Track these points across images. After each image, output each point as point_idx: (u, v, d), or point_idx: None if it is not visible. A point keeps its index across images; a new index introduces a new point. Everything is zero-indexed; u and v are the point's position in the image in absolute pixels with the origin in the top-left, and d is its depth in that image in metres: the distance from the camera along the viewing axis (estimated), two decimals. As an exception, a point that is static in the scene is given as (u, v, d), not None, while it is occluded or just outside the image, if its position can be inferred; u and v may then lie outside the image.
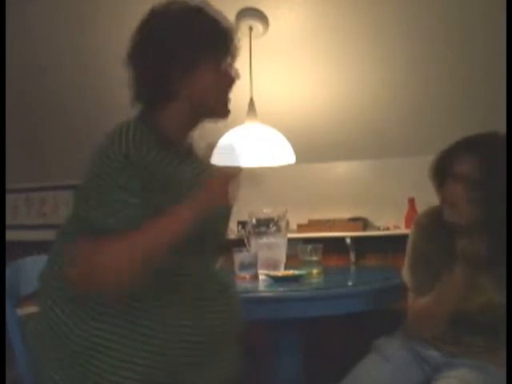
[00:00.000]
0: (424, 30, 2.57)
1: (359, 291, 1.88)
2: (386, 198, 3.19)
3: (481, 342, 1.59)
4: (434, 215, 1.63)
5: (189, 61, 1.23)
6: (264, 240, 2.20)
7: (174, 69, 1.23)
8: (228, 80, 1.31)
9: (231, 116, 2.99)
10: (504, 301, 1.41)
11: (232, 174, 1.32)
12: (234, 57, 1.34)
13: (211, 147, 1.46)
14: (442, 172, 1.59)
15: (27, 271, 1.59)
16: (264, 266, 2.15)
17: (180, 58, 1.23)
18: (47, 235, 1.62)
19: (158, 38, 1.23)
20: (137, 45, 1.26)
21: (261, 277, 2.10)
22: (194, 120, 1.31)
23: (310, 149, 3.19)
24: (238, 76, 1.33)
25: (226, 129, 2.56)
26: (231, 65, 1.33)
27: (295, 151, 2.60)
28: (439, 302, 1.55)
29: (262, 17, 2.61)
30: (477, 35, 2.52)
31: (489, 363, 1.55)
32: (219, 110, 1.32)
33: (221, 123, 2.73)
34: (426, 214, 1.69)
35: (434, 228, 1.63)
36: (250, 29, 2.62)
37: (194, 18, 1.26)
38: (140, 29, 1.27)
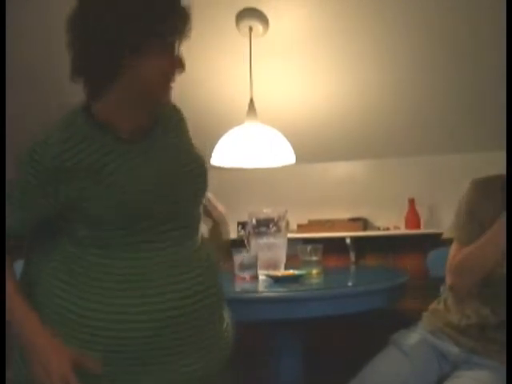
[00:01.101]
0: (425, 28, 2.57)
1: (359, 291, 1.87)
2: (386, 198, 3.20)
3: (501, 339, 1.58)
4: (493, 178, 1.66)
5: (133, 37, 1.10)
6: (264, 240, 2.20)
7: (120, 49, 1.10)
8: (174, 63, 1.18)
9: (231, 116, 3.01)
10: None
11: None
12: (185, 39, 1.18)
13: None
14: None
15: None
16: (264, 267, 2.15)
17: (124, 33, 1.09)
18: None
19: (100, 8, 1.09)
20: (76, 12, 1.12)
21: (261, 277, 2.10)
22: (139, 104, 1.19)
23: (310, 149, 3.19)
24: (182, 64, 1.18)
25: (226, 129, 2.56)
26: (179, 50, 1.19)
27: (295, 151, 2.60)
28: (486, 248, 1.55)
29: (261, 17, 2.61)
30: (483, 35, 2.52)
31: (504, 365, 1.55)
32: (160, 93, 1.20)
33: (221, 123, 2.75)
34: (486, 177, 1.70)
35: (492, 188, 1.65)
36: (250, 29, 2.62)
37: None
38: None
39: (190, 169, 1.26)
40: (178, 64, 1.18)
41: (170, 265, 1.19)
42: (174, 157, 1.24)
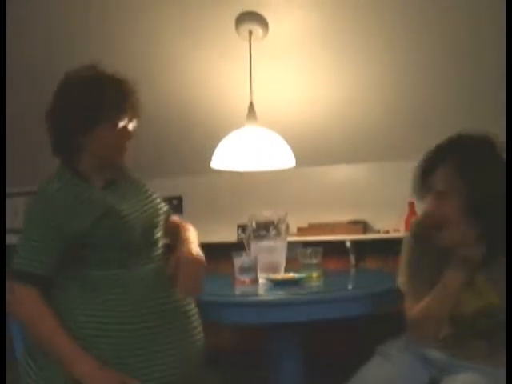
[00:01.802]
0: (425, 28, 2.57)
1: (359, 294, 1.87)
2: (385, 201, 3.20)
3: (484, 347, 1.59)
4: (423, 219, 1.62)
5: (90, 121, 1.51)
6: (264, 243, 2.20)
7: (79, 128, 1.52)
8: (123, 136, 1.57)
9: (231, 119, 3.01)
10: (503, 304, 1.43)
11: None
12: (133, 113, 1.58)
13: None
14: (419, 182, 1.57)
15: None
16: (264, 270, 2.15)
17: (83, 119, 1.51)
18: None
19: (66, 103, 1.53)
20: (51, 107, 1.57)
21: (261, 280, 2.10)
22: (101, 166, 1.59)
23: (310, 152, 3.19)
24: (130, 135, 1.58)
25: (226, 132, 2.56)
26: (128, 121, 1.57)
27: (295, 155, 2.59)
28: (438, 303, 1.55)
29: (261, 20, 2.61)
30: (483, 35, 2.52)
31: (494, 367, 1.54)
32: (116, 159, 1.61)
33: (220, 127, 2.74)
34: (420, 221, 1.67)
35: (428, 234, 1.59)
36: (250, 32, 2.62)
37: (96, 85, 1.53)
38: (55, 93, 1.57)
39: (154, 204, 1.65)
40: (125, 136, 1.57)
41: (153, 276, 1.54)
42: (142, 198, 1.64)
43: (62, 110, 1.54)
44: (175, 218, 1.81)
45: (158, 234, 1.64)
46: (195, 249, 1.61)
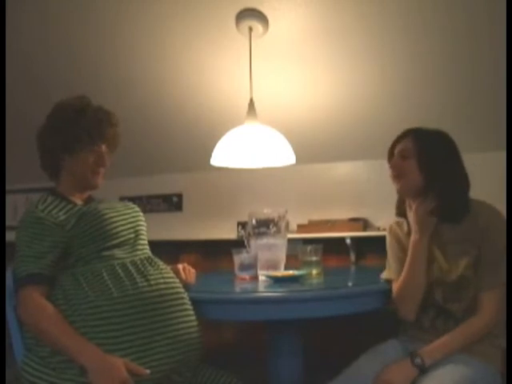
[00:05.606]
0: (426, 28, 2.56)
1: (360, 292, 1.87)
2: (386, 199, 3.17)
3: (453, 326, 1.66)
4: (400, 224, 1.99)
5: (69, 144, 1.73)
6: (264, 241, 2.20)
7: (59, 151, 1.74)
8: (97, 162, 1.77)
9: (231, 116, 3.00)
10: (453, 275, 1.68)
11: None
12: (110, 143, 1.81)
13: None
14: (389, 153, 2.01)
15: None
16: (264, 267, 2.15)
17: (63, 143, 1.73)
18: (47, 236, 1.63)
19: (52, 127, 1.75)
20: (41, 129, 1.79)
21: (261, 277, 2.10)
22: (79, 186, 1.80)
23: (310, 149, 3.19)
24: (105, 162, 1.79)
25: (226, 129, 2.56)
26: (104, 148, 1.79)
27: (295, 152, 2.60)
28: (410, 273, 1.76)
29: (261, 17, 2.61)
30: (482, 37, 2.51)
31: (470, 356, 1.61)
32: (91, 182, 1.79)
33: (220, 124, 2.74)
34: (395, 224, 2.04)
35: (400, 232, 1.97)
36: (250, 29, 2.61)
37: (78, 115, 1.74)
38: (47, 117, 1.78)
39: (131, 207, 1.84)
40: (99, 163, 1.77)
41: (144, 264, 1.68)
42: (122, 205, 1.83)
43: (48, 133, 1.76)
44: None
45: (142, 229, 1.81)
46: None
